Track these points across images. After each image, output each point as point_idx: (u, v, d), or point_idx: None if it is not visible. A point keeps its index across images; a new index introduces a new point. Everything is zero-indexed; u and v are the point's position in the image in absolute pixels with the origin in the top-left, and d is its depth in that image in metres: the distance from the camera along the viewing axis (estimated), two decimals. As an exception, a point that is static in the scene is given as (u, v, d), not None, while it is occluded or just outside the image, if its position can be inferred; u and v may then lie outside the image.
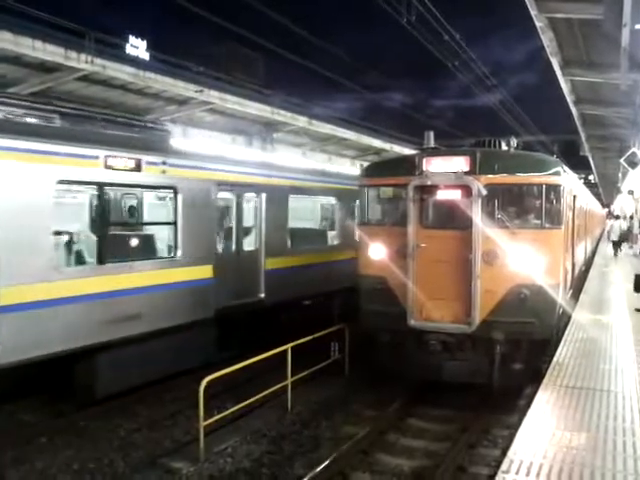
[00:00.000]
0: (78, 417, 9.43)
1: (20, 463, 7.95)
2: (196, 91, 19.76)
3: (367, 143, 31.45)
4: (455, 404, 10.06)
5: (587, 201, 20.56)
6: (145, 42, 44.49)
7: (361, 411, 10.12)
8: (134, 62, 19.13)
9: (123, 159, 9.60)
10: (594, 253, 29.40)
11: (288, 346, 10.11)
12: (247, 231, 12.74)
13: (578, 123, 21.02)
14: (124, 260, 9.85)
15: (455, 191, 9.69)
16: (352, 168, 30.24)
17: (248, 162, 13.47)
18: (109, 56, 17.20)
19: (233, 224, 12.30)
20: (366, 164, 13.64)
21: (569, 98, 16.56)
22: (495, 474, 5.35)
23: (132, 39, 43.23)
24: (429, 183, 9.77)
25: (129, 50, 36.34)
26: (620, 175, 33.09)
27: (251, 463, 8.15)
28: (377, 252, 10.15)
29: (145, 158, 9.97)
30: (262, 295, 12.69)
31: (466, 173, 9.50)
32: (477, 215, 9.34)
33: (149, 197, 12.08)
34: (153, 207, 12.14)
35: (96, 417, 9.51)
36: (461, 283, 9.44)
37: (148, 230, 11.37)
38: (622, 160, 19.89)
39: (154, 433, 9.14)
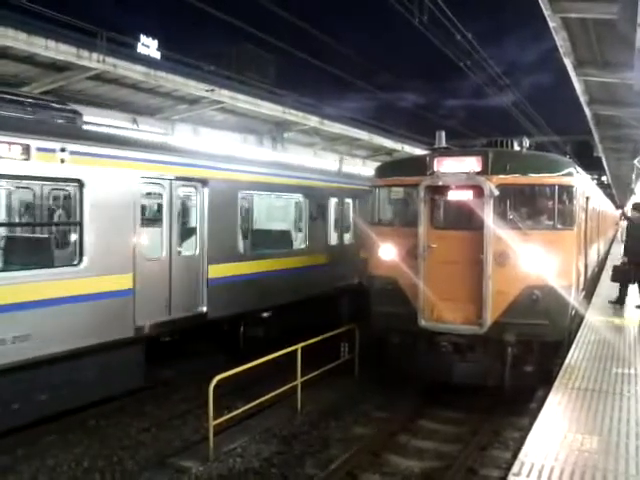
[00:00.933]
0: (88, 415, 9.41)
1: (31, 459, 7.99)
2: (207, 90, 19.77)
3: (378, 143, 31.32)
4: (466, 406, 10.02)
5: (600, 202, 20.41)
6: (156, 41, 44.46)
7: (371, 412, 10.10)
8: (145, 61, 19.19)
9: (3, 144, 7.77)
10: (607, 254, 29.17)
11: (298, 346, 10.09)
12: (184, 233, 11.05)
13: (592, 124, 20.80)
14: (3, 270, 8.50)
15: (467, 191, 9.64)
16: (331, 163, 29.16)
17: (184, 151, 11.41)
18: (121, 55, 17.26)
19: (164, 225, 10.34)
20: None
21: (582, 98, 16.38)
22: (506, 476, 5.35)
23: (143, 38, 43.20)
24: (440, 183, 9.72)
25: (140, 49, 36.35)
26: (634, 176, 32.82)
27: (261, 463, 8.15)
28: (388, 253, 10.11)
29: (35, 144, 8.10)
30: (204, 309, 10.89)
31: (478, 173, 9.45)
32: (489, 216, 9.28)
33: (44, 192, 10.27)
34: (50, 204, 10.34)
35: (106, 416, 9.53)
36: (472, 284, 9.39)
37: (42, 232, 9.69)
38: (636, 161, 19.73)
39: (164, 432, 9.16)
